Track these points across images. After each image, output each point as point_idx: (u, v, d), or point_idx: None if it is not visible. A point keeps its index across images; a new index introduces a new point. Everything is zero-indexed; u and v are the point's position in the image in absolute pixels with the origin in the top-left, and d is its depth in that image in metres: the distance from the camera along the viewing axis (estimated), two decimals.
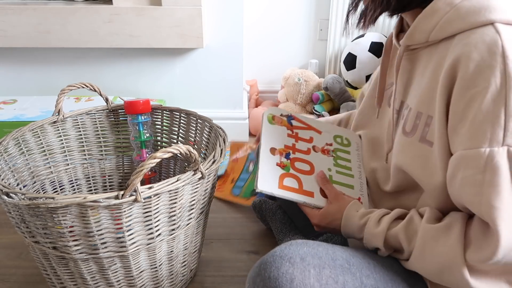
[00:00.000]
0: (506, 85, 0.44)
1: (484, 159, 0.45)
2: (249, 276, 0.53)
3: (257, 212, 1.08)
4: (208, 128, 0.97)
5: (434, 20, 0.53)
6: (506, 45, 0.45)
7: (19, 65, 1.54)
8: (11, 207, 0.69)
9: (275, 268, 0.50)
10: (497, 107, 0.45)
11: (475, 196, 0.47)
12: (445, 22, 0.51)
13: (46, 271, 0.79)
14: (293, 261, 0.50)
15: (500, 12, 0.47)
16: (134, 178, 0.61)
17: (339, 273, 0.51)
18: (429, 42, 0.55)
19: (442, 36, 0.52)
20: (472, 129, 0.47)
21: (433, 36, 0.53)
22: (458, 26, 0.50)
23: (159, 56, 1.53)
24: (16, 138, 0.90)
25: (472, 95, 0.47)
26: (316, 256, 0.52)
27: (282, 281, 0.49)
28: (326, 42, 1.87)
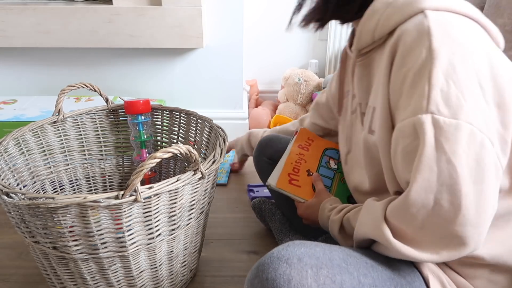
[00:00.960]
0: (431, 59, 0.49)
1: (414, 126, 0.49)
2: (247, 278, 0.54)
3: (257, 212, 1.09)
4: (208, 128, 0.97)
5: (375, 19, 0.57)
6: (432, 25, 0.50)
7: (19, 65, 1.54)
8: (11, 207, 0.69)
9: (272, 269, 0.50)
10: (422, 79, 0.49)
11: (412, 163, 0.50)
12: (384, 19, 0.56)
13: (46, 271, 0.79)
14: (290, 262, 0.50)
15: (429, 0, 0.52)
16: (134, 178, 0.61)
17: (336, 272, 0.51)
18: (376, 41, 0.59)
19: (384, 31, 0.56)
20: (405, 103, 0.51)
21: (377, 34, 0.57)
22: (395, 19, 0.54)
23: (159, 56, 1.53)
24: (16, 138, 0.90)
25: (404, 72, 0.51)
26: (313, 256, 0.52)
27: (280, 282, 0.49)
28: (326, 42, 1.87)
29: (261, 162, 1.00)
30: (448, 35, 0.49)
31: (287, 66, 1.90)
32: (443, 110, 0.47)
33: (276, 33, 1.86)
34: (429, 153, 0.47)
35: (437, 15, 0.51)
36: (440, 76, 0.48)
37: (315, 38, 1.88)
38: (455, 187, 0.46)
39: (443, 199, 0.47)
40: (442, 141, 0.47)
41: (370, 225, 0.55)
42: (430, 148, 0.47)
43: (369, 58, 0.62)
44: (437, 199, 0.47)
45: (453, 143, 0.47)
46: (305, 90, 1.73)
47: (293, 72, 1.77)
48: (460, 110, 0.47)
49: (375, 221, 0.54)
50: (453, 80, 0.48)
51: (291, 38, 1.88)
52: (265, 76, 1.95)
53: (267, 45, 1.88)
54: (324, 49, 1.90)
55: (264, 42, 1.88)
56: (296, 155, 0.88)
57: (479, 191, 0.47)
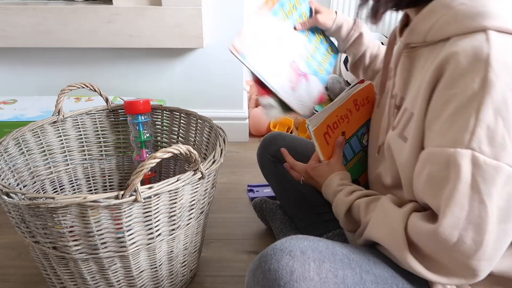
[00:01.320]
0: (483, 92, 0.45)
1: (449, 158, 0.47)
2: (249, 269, 0.54)
3: (258, 211, 1.09)
4: (208, 128, 0.97)
5: (431, 21, 0.53)
6: (492, 53, 0.46)
7: (19, 65, 1.54)
8: (11, 207, 0.69)
9: (275, 260, 0.50)
10: (468, 111, 0.46)
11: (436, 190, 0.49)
12: (441, 24, 0.52)
13: (46, 271, 0.79)
14: (293, 254, 0.50)
15: (495, 19, 0.48)
16: (134, 178, 0.61)
17: (339, 267, 0.51)
18: (427, 42, 0.55)
19: (438, 37, 0.53)
20: (444, 128, 0.48)
21: (430, 37, 0.54)
22: (452, 29, 0.51)
23: (159, 56, 1.53)
24: (16, 138, 0.90)
25: (450, 95, 0.48)
26: (316, 250, 0.52)
27: (282, 273, 0.49)
28: None
29: (264, 160, 0.99)
30: (507, 68, 0.45)
31: None
32: (485, 148, 0.45)
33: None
34: (463, 190, 0.46)
35: (500, 40, 0.47)
36: (489, 111, 0.45)
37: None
38: (482, 226, 0.46)
39: (467, 237, 0.46)
40: (479, 180, 0.45)
41: (387, 234, 0.54)
42: (465, 186, 0.46)
43: (416, 53, 0.60)
44: (461, 235, 0.46)
45: (490, 185, 0.45)
46: None
47: None
48: (502, 151, 0.45)
49: (393, 233, 0.53)
50: (502, 118, 0.45)
51: None
52: None
53: None
54: None
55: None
56: (345, 109, 0.82)
57: (502, 230, 0.46)
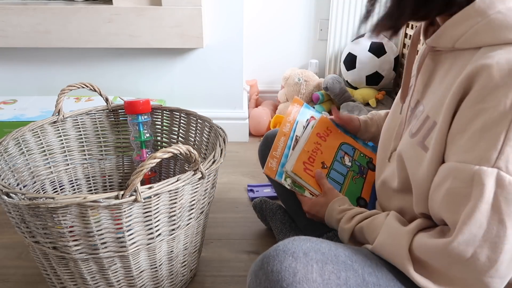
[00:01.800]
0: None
1: (473, 175, 0.46)
2: (251, 270, 0.54)
3: (258, 212, 1.08)
4: (208, 128, 0.97)
5: (463, 28, 0.51)
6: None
7: (19, 65, 1.54)
8: (11, 207, 0.69)
9: (278, 262, 0.50)
10: (499, 128, 0.45)
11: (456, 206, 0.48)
12: (474, 33, 0.50)
13: (46, 271, 0.79)
14: (296, 255, 0.50)
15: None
16: (134, 178, 0.61)
17: (341, 269, 0.51)
18: (455, 48, 0.53)
19: (468, 45, 0.51)
20: (469, 143, 0.47)
21: (459, 44, 0.52)
22: (486, 39, 0.49)
23: (159, 56, 1.53)
24: (16, 138, 0.90)
25: (479, 109, 0.46)
26: (319, 251, 0.52)
27: (285, 274, 0.49)
28: (326, 42, 1.87)
29: (266, 157, 0.99)
30: None
31: (287, 66, 1.90)
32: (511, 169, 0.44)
33: (276, 33, 1.86)
34: (484, 210, 0.45)
35: None
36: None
37: (315, 38, 1.88)
38: (498, 245, 0.45)
39: (482, 254, 0.46)
40: (501, 201, 0.44)
41: (391, 252, 0.54)
42: (486, 205, 0.45)
43: (440, 56, 0.58)
44: (476, 252, 0.46)
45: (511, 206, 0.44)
46: (305, 90, 1.73)
47: (293, 72, 1.76)
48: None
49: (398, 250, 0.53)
50: None
51: (291, 38, 1.88)
52: (265, 76, 1.95)
53: (267, 45, 1.88)
54: (324, 49, 1.90)
55: (264, 42, 1.88)
56: (313, 143, 0.84)
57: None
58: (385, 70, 1.74)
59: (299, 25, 1.86)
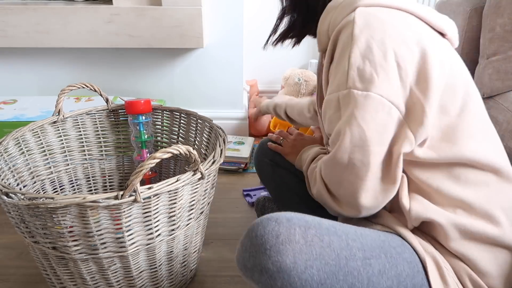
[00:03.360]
0: (351, 42, 0.56)
1: (337, 100, 0.58)
2: (239, 241, 0.56)
3: (259, 210, 1.09)
4: (208, 128, 0.97)
5: (327, 21, 0.65)
6: (356, 16, 0.57)
7: (19, 65, 1.54)
8: (11, 207, 0.69)
9: (261, 227, 0.52)
10: (343, 59, 0.57)
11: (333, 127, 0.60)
12: (334, 19, 0.62)
13: (46, 271, 0.79)
14: (279, 221, 0.52)
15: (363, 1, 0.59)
16: (134, 178, 0.61)
17: (324, 233, 0.53)
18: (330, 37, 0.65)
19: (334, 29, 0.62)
20: (332, 78, 0.60)
21: (330, 32, 0.64)
22: (339, 18, 0.61)
23: (159, 56, 1.53)
24: (16, 138, 0.90)
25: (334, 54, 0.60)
26: (302, 219, 0.54)
27: (268, 237, 0.51)
28: None
29: (262, 163, 1.00)
30: (368, 24, 0.57)
31: (287, 66, 1.90)
32: (358, 84, 0.56)
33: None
34: (345, 120, 0.57)
35: (365, 9, 0.58)
36: (357, 56, 0.56)
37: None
38: (365, 148, 0.56)
39: (355, 159, 0.57)
40: (354, 109, 0.56)
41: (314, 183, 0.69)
42: (347, 117, 0.57)
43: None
44: (350, 158, 0.57)
45: (363, 111, 0.55)
46: (305, 90, 1.73)
47: (293, 72, 1.76)
48: (371, 84, 0.55)
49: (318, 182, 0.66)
50: (368, 60, 0.55)
51: None
52: (265, 76, 1.95)
53: None
54: None
55: (264, 42, 1.87)
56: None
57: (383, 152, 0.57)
58: None
59: None
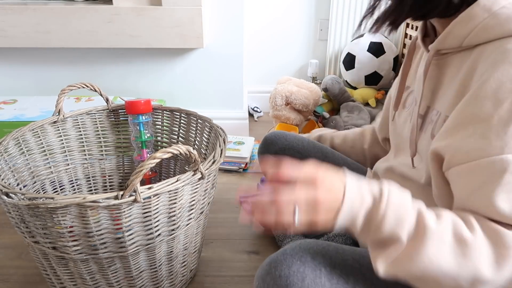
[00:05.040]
0: None
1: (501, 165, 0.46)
2: (258, 275, 0.53)
3: None
4: (208, 128, 0.97)
5: (470, 25, 0.52)
6: None
7: (19, 65, 1.54)
8: (11, 207, 0.69)
9: (286, 266, 0.50)
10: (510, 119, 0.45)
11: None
12: (481, 28, 0.51)
13: (46, 271, 0.79)
14: (304, 259, 0.50)
15: None
16: (134, 178, 0.61)
17: (350, 273, 0.51)
18: (462, 47, 0.55)
19: (477, 41, 0.52)
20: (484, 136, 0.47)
21: (468, 42, 0.53)
22: (495, 32, 0.50)
23: (159, 56, 1.53)
24: (16, 138, 0.90)
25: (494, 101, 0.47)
26: (327, 255, 0.52)
27: (293, 279, 0.48)
28: (326, 42, 1.87)
29: None
30: None
31: (287, 66, 1.90)
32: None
33: (276, 33, 1.86)
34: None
35: None
36: None
37: (315, 38, 1.88)
38: None
39: None
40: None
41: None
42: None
43: (446, 60, 0.59)
44: None
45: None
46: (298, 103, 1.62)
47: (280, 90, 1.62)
48: None
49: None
50: None
51: (291, 38, 1.88)
52: (265, 76, 1.95)
53: (267, 45, 1.89)
54: (324, 49, 1.90)
55: (264, 42, 1.88)
56: None
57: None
58: (384, 70, 1.74)
59: (299, 25, 1.86)
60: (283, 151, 0.92)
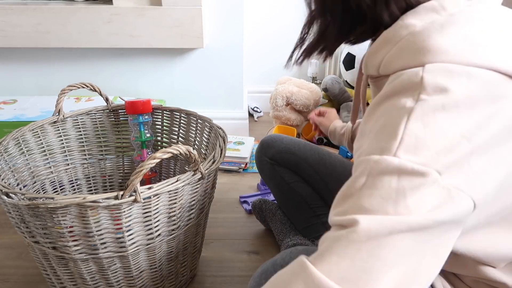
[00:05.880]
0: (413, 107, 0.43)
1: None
2: (250, 284, 0.54)
3: (257, 213, 1.08)
4: (208, 128, 0.97)
5: (379, 56, 0.51)
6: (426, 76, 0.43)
7: (19, 65, 1.54)
8: (11, 207, 0.69)
9: None
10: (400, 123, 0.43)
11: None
12: (388, 60, 0.50)
13: (46, 271, 0.79)
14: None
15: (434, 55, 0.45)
16: (134, 178, 0.61)
17: None
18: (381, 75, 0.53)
19: (388, 72, 0.50)
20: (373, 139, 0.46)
21: (382, 71, 0.52)
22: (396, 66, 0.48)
23: (159, 56, 1.53)
24: (16, 138, 0.90)
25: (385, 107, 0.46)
26: None
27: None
28: None
29: (263, 162, 1.00)
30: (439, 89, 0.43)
31: None
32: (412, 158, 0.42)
33: (276, 33, 1.86)
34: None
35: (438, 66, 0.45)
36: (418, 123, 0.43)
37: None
38: None
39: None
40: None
41: None
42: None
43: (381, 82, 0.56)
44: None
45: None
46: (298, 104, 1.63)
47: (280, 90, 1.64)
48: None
49: None
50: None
51: (291, 38, 1.87)
52: (265, 76, 1.95)
53: (267, 45, 1.88)
54: None
55: (264, 42, 1.88)
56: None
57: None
58: None
59: (299, 25, 1.85)
60: (280, 154, 0.95)
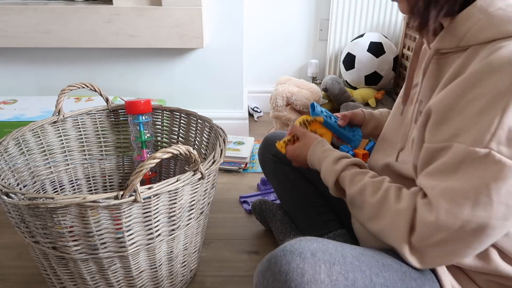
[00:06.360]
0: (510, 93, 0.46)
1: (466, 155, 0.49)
2: (258, 270, 0.53)
3: (257, 213, 1.08)
4: (208, 128, 0.97)
5: (467, 26, 0.53)
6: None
7: (19, 65, 1.54)
8: (11, 207, 0.69)
9: (285, 262, 0.50)
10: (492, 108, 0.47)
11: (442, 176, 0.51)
12: (477, 29, 0.52)
13: (46, 271, 0.79)
14: (303, 256, 0.50)
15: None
16: (134, 178, 0.61)
17: (349, 270, 0.51)
18: (460, 47, 0.55)
19: (473, 42, 0.53)
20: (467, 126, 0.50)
21: (464, 42, 0.54)
22: (489, 34, 0.51)
23: (159, 56, 1.53)
24: (16, 138, 0.90)
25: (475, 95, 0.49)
26: (326, 252, 0.52)
27: (293, 275, 0.49)
28: (326, 42, 1.87)
29: (266, 159, 1.00)
30: None
31: (287, 66, 1.90)
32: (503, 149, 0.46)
33: (276, 33, 1.86)
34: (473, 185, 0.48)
35: None
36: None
37: (315, 38, 1.88)
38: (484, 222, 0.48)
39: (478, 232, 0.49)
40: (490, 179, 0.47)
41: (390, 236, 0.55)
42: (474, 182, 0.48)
43: (446, 59, 0.59)
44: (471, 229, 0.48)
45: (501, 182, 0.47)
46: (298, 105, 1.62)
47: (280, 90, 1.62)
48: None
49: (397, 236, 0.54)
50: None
51: (292, 38, 1.88)
52: (265, 76, 1.95)
53: (267, 45, 1.89)
54: (324, 49, 1.90)
55: (264, 42, 1.88)
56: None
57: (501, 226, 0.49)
58: (384, 70, 1.74)
59: (299, 25, 1.86)
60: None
